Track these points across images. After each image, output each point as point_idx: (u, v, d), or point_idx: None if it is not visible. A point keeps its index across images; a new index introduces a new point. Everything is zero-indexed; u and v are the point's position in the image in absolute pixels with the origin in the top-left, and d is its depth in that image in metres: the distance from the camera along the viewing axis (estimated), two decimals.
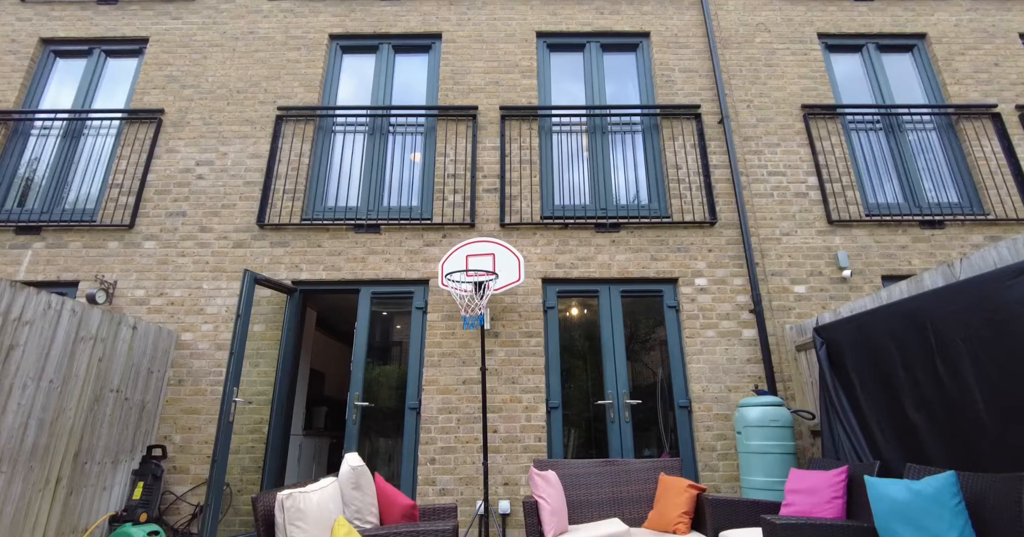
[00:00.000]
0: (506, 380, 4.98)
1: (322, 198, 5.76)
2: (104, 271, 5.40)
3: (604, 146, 5.97)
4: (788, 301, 5.23)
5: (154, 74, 6.30)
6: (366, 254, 5.44)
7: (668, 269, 5.35)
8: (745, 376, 4.96)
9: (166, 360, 5.02)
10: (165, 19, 6.62)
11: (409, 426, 4.93)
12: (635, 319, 5.39)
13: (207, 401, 4.98)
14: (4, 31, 6.56)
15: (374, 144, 5.98)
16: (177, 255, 5.46)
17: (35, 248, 5.51)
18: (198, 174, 5.78)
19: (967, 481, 2.30)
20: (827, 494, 3.03)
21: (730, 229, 5.48)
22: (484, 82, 6.13)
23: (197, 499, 4.67)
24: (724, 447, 4.76)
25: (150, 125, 6.03)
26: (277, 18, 6.55)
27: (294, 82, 6.18)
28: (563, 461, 4.37)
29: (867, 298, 3.95)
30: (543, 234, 5.52)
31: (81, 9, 6.71)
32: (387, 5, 6.60)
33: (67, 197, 5.85)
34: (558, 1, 6.58)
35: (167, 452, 4.78)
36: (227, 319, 5.20)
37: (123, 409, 4.48)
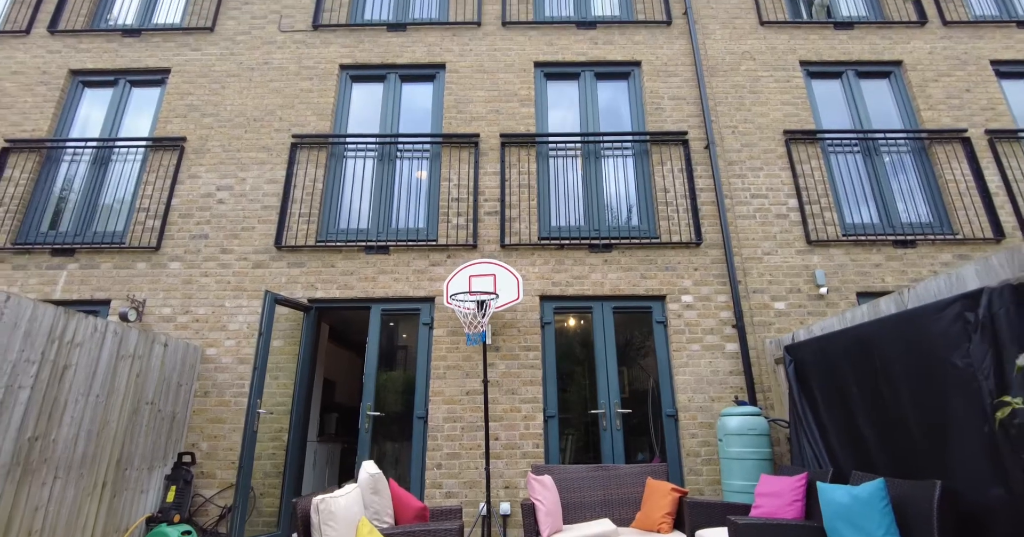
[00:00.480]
0: (506, 391, 5.40)
1: (335, 221, 6.18)
2: (134, 290, 5.83)
3: (597, 170, 6.38)
4: (768, 317, 5.64)
5: (176, 103, 6.74)
6: (376, 273, 5.86)
7: (657, 287, 5.76)
8: (727, 387, 5.36)
9: (193, 374, 5.45)
10: (185, 50, 7.05)
11: (417, 434, 5.35)
12: (626, 334, 5.80)
13: (231, 411, 5.40)
14: (36, 63, 7.00)
15: (383, 169, 6.40)
16: (201, 275, 5.88)
17: (69, 269, 5.95)
18: (219, 198, 6.21)
19: (894, 487, 2.70)
20: (789, 497, 3.44)
21: (715, 249, 5.89)
22: (485, 110, 6.55)
23: (223, 501, 5.09)
24: (708, 453, 5.16)
25: (173, 152, 6.46)
26: (290, 49, 6.98)
27: (307, 111, 6.60)
28: (558, 466, 4.79)
29: (834, 318, 4.35)
30: (541, 254, 5.93)
31: (107, 41, 7.15)
32: (394, 36, 7.02)
33: (98, 220, 6.28)
34: (555, 32, 6.99)
35: (196, 458, 5.20)
36: (248, 335, 5.63)
37: (156, 420, 4.91)
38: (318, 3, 7.18)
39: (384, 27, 7.06)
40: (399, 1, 7.33)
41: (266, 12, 7.22)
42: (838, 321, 4.27)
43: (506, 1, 7.12)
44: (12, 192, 6.28)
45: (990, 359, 2.41)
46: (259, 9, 7.25)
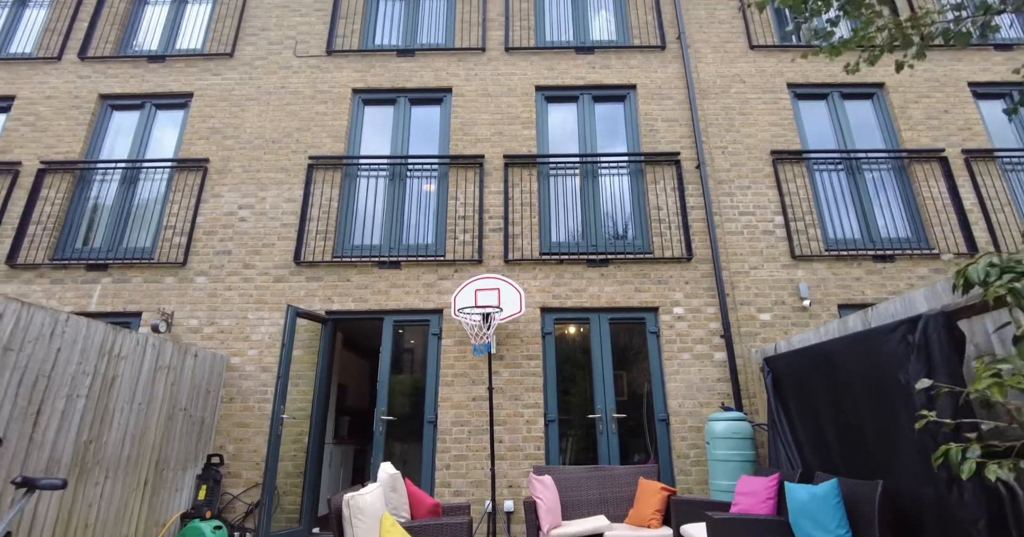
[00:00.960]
0: (510, 397, 5.82)
1: (350, 237, 6.61)
2: (163, 303, 6.27)
3: (595, 189, 6.79)
4: (754, 327, 6.04)
5: (199, 126, 7.18)
6: (389, 287, 6.29)
7: (650, 299, 6.17)
8: (715, 393, 5.77)
9: (219, 381, 5.89)
10: (207, 75, 7.49)
11: (427, 437, 5.77)
12: (621, 343, 6.21)
13: (254, 416, 5.84)
14: (67, 88, 7.45)
15: (394, 188, 6.83)
16: (225, 289, 6.32)
17: (103, 283, 6.40)
18: (240, 217, 6.65)
19: (846, 486, 3.11)
20: (763, 496, 3.85)
21: (704, 264, 6.29)
22: (490, 133, 6.96)
23: (249, 499, 5.53)
24: (696, 455, 5.57)
25: (197, 172, 6.90)
26: (305, 74, 7.41)
27: (322, 133, 7.03)
28: (558, 467, 5.21)
29: (811, 332, 4.75)
30: (542, 268, 6.34)
31: (133, 67, 7.60)
32: (403, 61, 7.44)
33: (128, 237, 6.73)
34: (555, 57, 7.40)
35: (223, 459, 5.64)
36: (270, 344, 6.07)
37: (188, 424, 5.35)
38: (331, 29, 7.61)
39: (394, 52, 7.49)
40: (407, 27, 7.75)
41: (282, 38, 7.66)
42: (814, 335, 4.67)
43: (509, 27, 7.54)
44: (49, 211, 6.73)
45: (923, 377, 2.81)
46: (275, 35, 7.69)
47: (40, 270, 6.46)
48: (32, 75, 7.56)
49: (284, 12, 7.82)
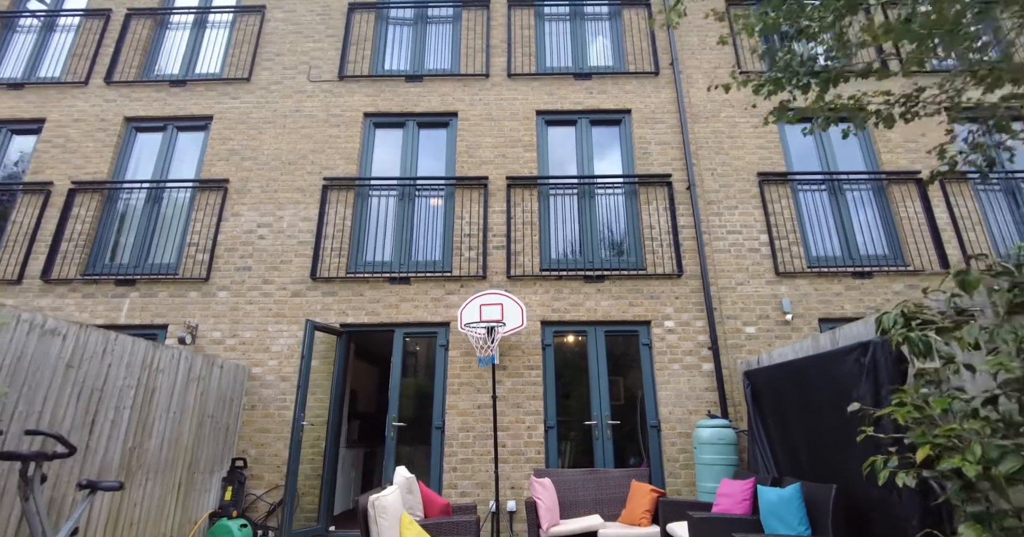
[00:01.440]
0: (512, 405, 6.26)
1: (362, 254, 7.05)
2: (187, 316, 6.72)
3: (592, 208, 7.23)
4: (740, 340, 6.48)
5: (219, 147, 7.62)
6: (399, 301, 6.73)
7: (643, 313, 6.61)
8: (703, 402, 6.21)
9: (242, 390, 6.34)
10: (226, 99, 7.93)
11: (435, 442, 6.22)
12: (616, 354, 6.65)
13: (275, 422, 6.28)
14: (94, 111, 7.90)
15: (403, 208, 7.27)
16: (245, 303, 6.77)
17: (131, 297, 6.84)
18: (259, 235, 7.09)
19: (808, 488, 3.55)
20: (740, 497, 4.28)
21: (694, 280, 6.73)
22: (493, 155, 7.41)
23: (271, 499, 5.97)
24: (685, 459, 6.01)
25: (218, 192, 7.35)
26: (319, 98, 7.85)
27: (336, 155, 7.48)
28: (557, 470, 5.66)
29: (788, 347, 5.18)
30: (542, 284, 6.79)
31: (156, 91, 8.04)
32: (411, 86, 7.89)
33: (154, 253, 7.17)
34: (554, 82, 7.85)
35: (247, 463, 6.08)
36: (288, 355, 6.51)
37: (215, 430, 5.79)
38: (343, 55, 8.06)
39: (403, 78, 7.94)
40: (415, 54, 8.19)
41: (296, 63, 8.10)
42: (791, 350, 5.11)
43: (511, 54, 7.98)
44: (79, 229, 7.18)
45: (870, 396, 3.25)
46: (290, 60, 8.13)
47: (72, 285, 6.90)
48: (61, 99, 8.00)
49: (298, 38, 8.27)
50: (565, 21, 8.47)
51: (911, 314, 2.30)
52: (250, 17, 8.50)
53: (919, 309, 2.32)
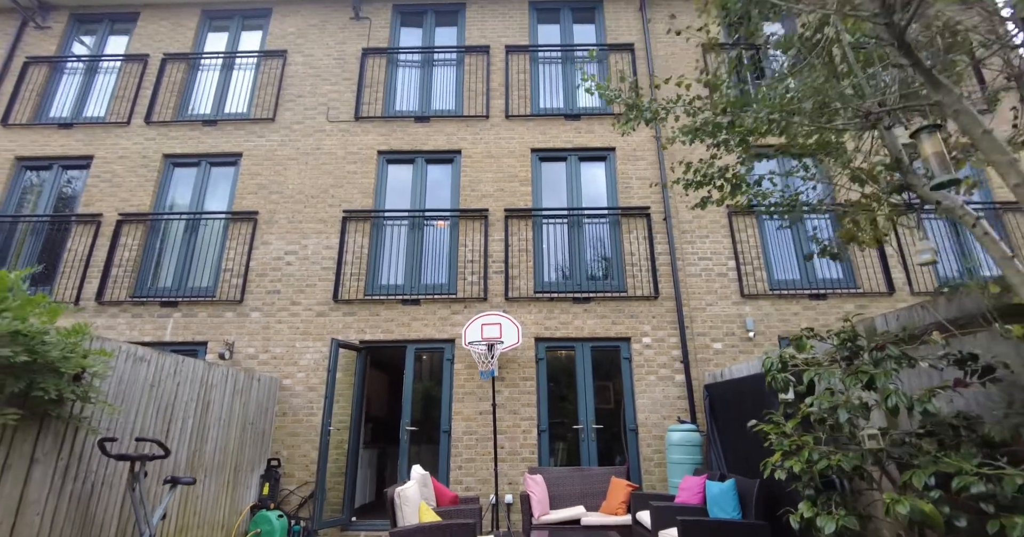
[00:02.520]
0: (509, 411, 7.21)
1: (378, 278, 7.99)
2: (225, 334, 7.67)
3: (580, 237, 8.17)
4: (708, 355, 7.42)
5: (248, 182, 8.57)
6: (410, 320, 7.68)
7: (624, 331, 7.55)
8: (675, 409, 7.16)
9: (275, 399, 7.29)
10: (253, 137, 8.88)
11: (443, 444, 7.17)
12: (600, 367, 7.59)
13: (303, 427, 7.24)
14: (136, 149, 8.85)
15: (414, 236, 8.21)
16: (276, 322, 7.72)
17: (175, 317, 7.80)
18: (287, 261, 8.04)
19: (740, 482, 4.50)
20: (695, 490, 5.23)
21: (668, 301, 7.67)
22: (493, 189, 8.35)
23: (301, 494, 6.92)
24: (659, 458, 6.96)
25: (248, 223, 8.29)
26: (337, 137, 8.79)
27: (353, 189, 8.42)
28: (547, 468, 6.61)
29: (744, 365, 6.12)
30: (535, 305, 7.73)
31: (191, 130, 8.99)
32: (420, 126, 8.83)
33: (193, 278, 8.12)
34: (547, 123, 8.78)
35: (280, 462, 7.04)
36: (314, 369, 7.46)
37: (254, 435, 6.74)
38: (358, 97, 9.00)
39: (412, 118, 8.88)
40: (423, 97, 9.13)
41: (316, 104, 9.05)
42: (746, 367, 6.05)
43: (508, 97, 8.92)
44: (127, 256, 8.13)
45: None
46: (310, 102, 9.07)
47: (123, 306, 7.85)
48: (106, 137, 8.95)
49: (316, 81, 9.21)
50: (557, 63, 9.41)
51: (786, 360, 3.24)
52: (273, 60, 9.44)
53: (792, 357, 3.26)
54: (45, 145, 8.95)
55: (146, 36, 9.81)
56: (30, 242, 8.42)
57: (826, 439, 3.12)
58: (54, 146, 8.95)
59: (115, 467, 4.33)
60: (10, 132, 9.02)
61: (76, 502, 3.97)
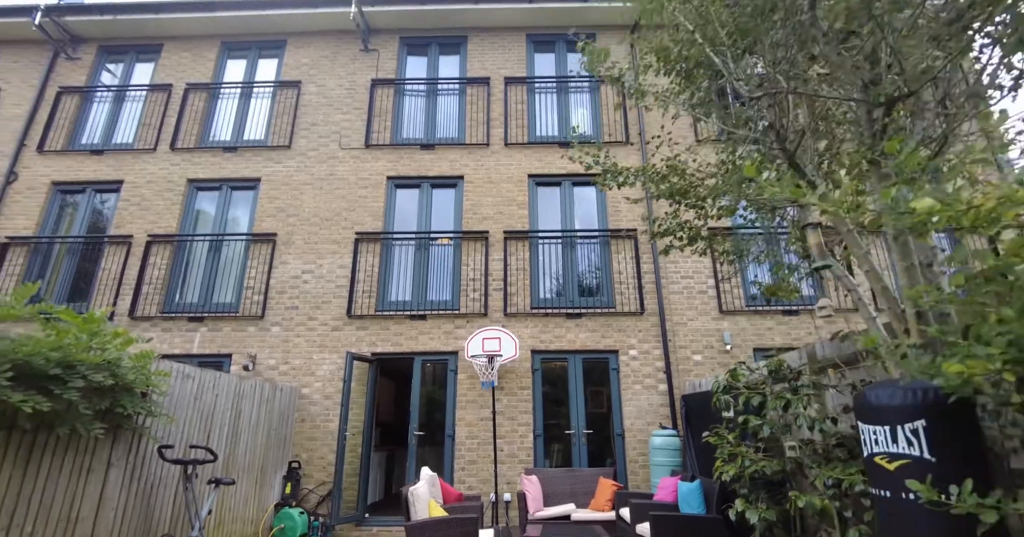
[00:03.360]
0: (508, 418, 7.93)
1: (388, 295, 8.72)
2: (248, 347, 8.40)
3: (572, 257, 8.90)
4: (689, 366, 8.14)
5: (267, 205, 9.29)
6: (417, 334, 8.40)
7: (612, 344, 8.28)
8: (658, 416, 7.88)
9: (294, 407, 8.01)
10: (271, 163, 9.60)
11: (447, 447, 7.89)
12: (590, 377, 8.32)
13: (320, 432, 7.96)
14: (163, 174, 9.57)
15: (420, 256, 8.94)
16: (294, 336, 8.44)
17: (201, 331, 8.52)
18: (304, 279, 8.77)
19: (705, 483, 5.22)
20: (670, 489, 5.95)
21: (653, 317, 8.40)
22: (493, 212, 9.07)
23: (320, 492, 7.65)
24: (643, 461, 7.68)
25: (268, 244, 9.02)
26: (349, 163, 9.51)
27: (364, 213, 9.14)
28: (542, 469, 7.33)
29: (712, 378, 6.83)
30: (532, 320, 8.45)
31: (212, 156, 9.71)
32: (425, 154, 9.55)
33: (217, 294, 8.84)
34: (543, 150, 9.50)
35: (300, 464, 7.76)
36: (330, 379, 8.18)
37: (277, 439, 7.47)
38: (368, 126, 9.72)
39: (418, 146, 9.60)
40: (428, 125, 9.85)
41: (329, 133, 9.77)
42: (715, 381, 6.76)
43: (507, 126, 9.64)
44: (156, 274, 8.85)
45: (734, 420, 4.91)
46: (323, 130, 9.80)
47: (153, 321, 8.58)
48: (135, 163, 9.68)
49: (329, 110, 9.93)
50: (552, 93, 10.13)
51: (729, 383, 3.96)
52: (288, 90, 10.16)
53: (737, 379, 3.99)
54: (79, 170, 9.68)
55: (169, 66, 10.53)
56: (67, 261, 9.15)
57: (764, 448, 3.85)
58: (87, 171, 9.67)
59: (168, 469, 5.06)
60: (46, 158, 9.74)
61: (140, 499, 4.70)
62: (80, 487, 4.08)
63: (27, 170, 9.65)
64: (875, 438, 2.08)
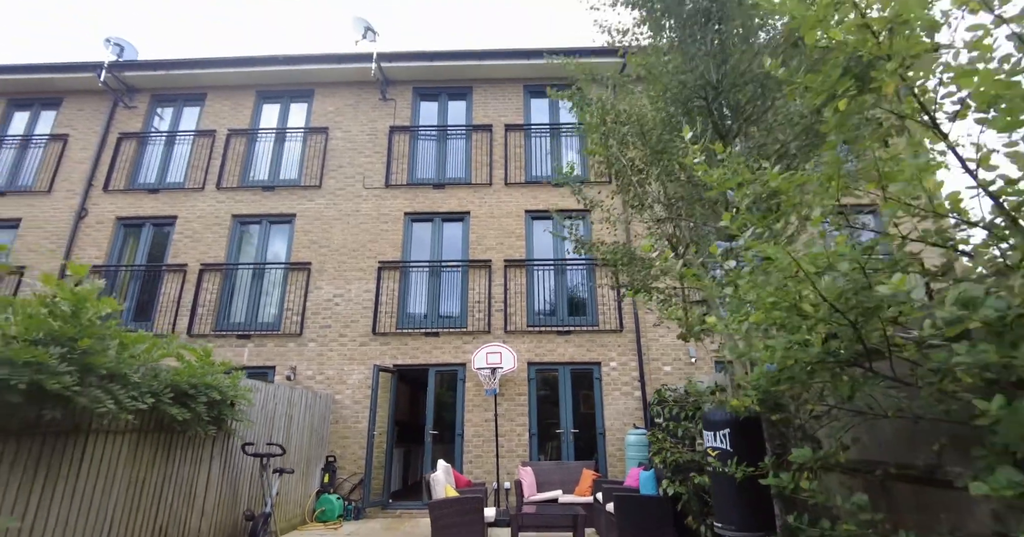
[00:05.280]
0: (507, 419, 9.48)
1: (406, 315, 10.28)
2: (289, 360, 9.98)
3: (563, 282, 10.44)
4: (660, 376, 9.68)
5: (302, 238, 10.86)
6: (431, 348, 9.96)
7: (596, 357, 9.82)
8: (632, 417, 9.42)
9: (330, 410, 9.59)
10: (304, 201, 11.17)
11: (457, 444, 9.46)
12: (577, 385, 9.87)
13: (351, 432, 9.54)
14: (211, 210, 11.15)
15: (433, 282, 10.49)
16: (328, 351, 10.02)
17: (248, 347, 10.11)
18: (335, 302, 10.34)
19: (657, 470, 6.76)
20: (635, 477, 7.49)
21: (630, 333, 9.93)
22: (495, 243, 10.62)
23: (352, 482, 9.22)
24: (620, 455, 9.23)
25: (303, 272, 10.59)
26: (372, 201, 11.07)
27: (385, 244, 10.71)
28: (536, 462, 8.89)
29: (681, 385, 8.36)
30: (528, 336, 10.00)
31: (253, 194, 11.29)
32: (437, 193, 11.10)
33: (261, 315, 10.42)
34: (538, 189, 11.04)
35: (336, 458, 9.34)
36: (359, 387, 9.75)
37: (316, 438, 9.05)
38: (387, 169, 11.27)
39: (431, 186, 11.15)
40: (439, 167, 11.39)
41: (353, 174, 11.32)
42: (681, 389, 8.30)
43: (508, 168, 11.17)
44: (209, 298, 10.44)
45: None
46: (349, 171, 11.35)
47: (208, 337, 10.17)
48: (186, 200, 11.27)
49: (353, 154, 11.49)
50: (546, 137, 11.65)
51: (663, 395, 5.49)
52: (317, 135, 11.72)
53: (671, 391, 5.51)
54: (138, 207, 11.28)
55: (213, 113, 12.11)
56: (132, 285, 10.75)
57: (691, 445, 5.39)
58: (145, 208, 11.26)
59: (247, 460, 6.64)
60: (111, 196, 11.34)
61: (229, 483, 6.28)
62: (196, 473, 5.65)
63: (95, 207, 11.26)
64: (709, 439, 3.60)
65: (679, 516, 5.58)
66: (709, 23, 4.69)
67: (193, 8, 55.69)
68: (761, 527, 3.37)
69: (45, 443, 3.80)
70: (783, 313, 2.35)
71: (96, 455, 4.27)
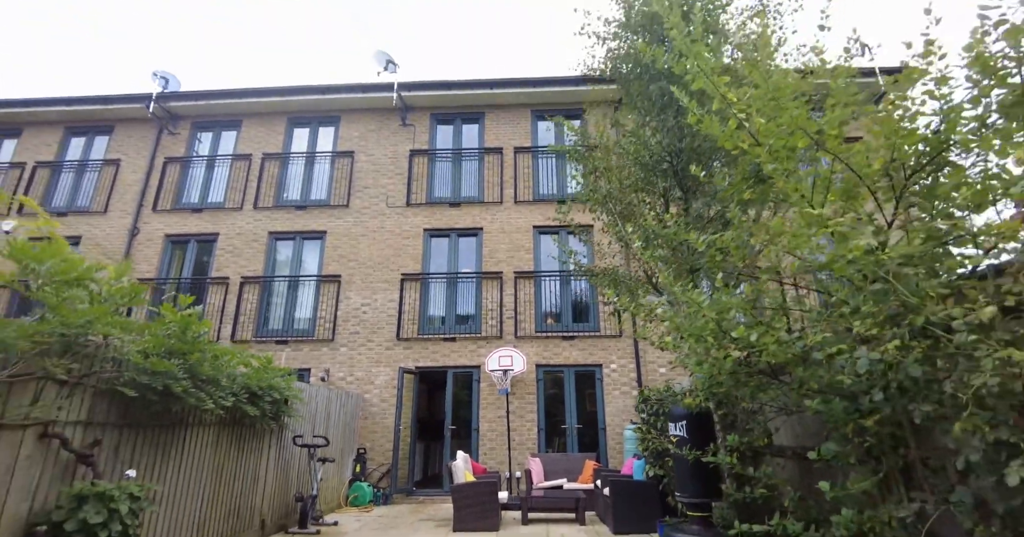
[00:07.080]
0: (518, 416, 10.57)
1: (427, 322, 11.40)
2: (323, 364, 11.15)
3: (567, 291, 11.50)
4: (656, 377, 10.71)
5: (332, 253, 12.03)
6: (449, 352, 11.08)
7: (597, 360, 10.87)
8: (630, 414, 10.46)
9: (359, 408, 10.75)
10: (333, 219, 12.33)
11: (474, 438, 10.57)
12: (581, 385, 10.93)
13: (379, 427, 10.68)
14: (249, 228, 12.35)
15: (450, 291, 11.61)
16: (357, 355, 11.17)
17: (286, 351, 11.30)
18: (363, 311, 11.49)
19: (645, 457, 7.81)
20: (630, 467, 8.55)
21: (628, 339, 10.97)
22: (506, 256, 11.71)
23: (380, 471, 10.37)
24: (619, 447, 10.28)
25: (334, 283, 11.75)
26: (394, 218, 12.21)
27: (407, 258, 11.84)
28: (544, 454, 9.98)
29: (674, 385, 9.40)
30: (536, 341, 11.08)
31: (287, 213, 12.48)
32: (453, 211, 12.21)
33: (296, 322, 11.61)
34: (545, 206, 12.09)
35: (366, 450, 10.50)
36: (385, 387, 10.89)
37: (348, 432, 10.20)
38: (408, 189, 12.39)
39: (447, 204, 12.26)
40: (455, 186, 12.50)
41: (377, 194, 12.47)
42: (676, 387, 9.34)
43: (517, 187, 12.25)
44: (249, 307, 11.64)
45: None
46: (373, 192, 12.50)
47: (249, 343, 11.36)
48: (226, 219, 12.48)
49: (377, 176, 12.63)
50: (552, 157, 12.71)
51: (647, 395, 6.54)
52: (344, 159, 12.88)
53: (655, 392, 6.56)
54: (184, 225, 12.52)
55: (248, 138, 13.32)
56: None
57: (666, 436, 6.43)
58: (190, 226, 12.50)
59: (296, 451, 7.80)
60: (159, 216, 12.60)
61: (283, 470, 7.44)
62: (257, 461, 6.81)
63: (146, 225, 12.52)
64: (672, 428, 4.65)
65: (663, 496, 6.64)
66: (668, 110, 5.81)
67: (224, 37, 57.91)
68: (709, 495, 4.44)
69: (161, 432, 4.96)
70: (699, 342, 3.42)
71: (192, 442, 5.43)
